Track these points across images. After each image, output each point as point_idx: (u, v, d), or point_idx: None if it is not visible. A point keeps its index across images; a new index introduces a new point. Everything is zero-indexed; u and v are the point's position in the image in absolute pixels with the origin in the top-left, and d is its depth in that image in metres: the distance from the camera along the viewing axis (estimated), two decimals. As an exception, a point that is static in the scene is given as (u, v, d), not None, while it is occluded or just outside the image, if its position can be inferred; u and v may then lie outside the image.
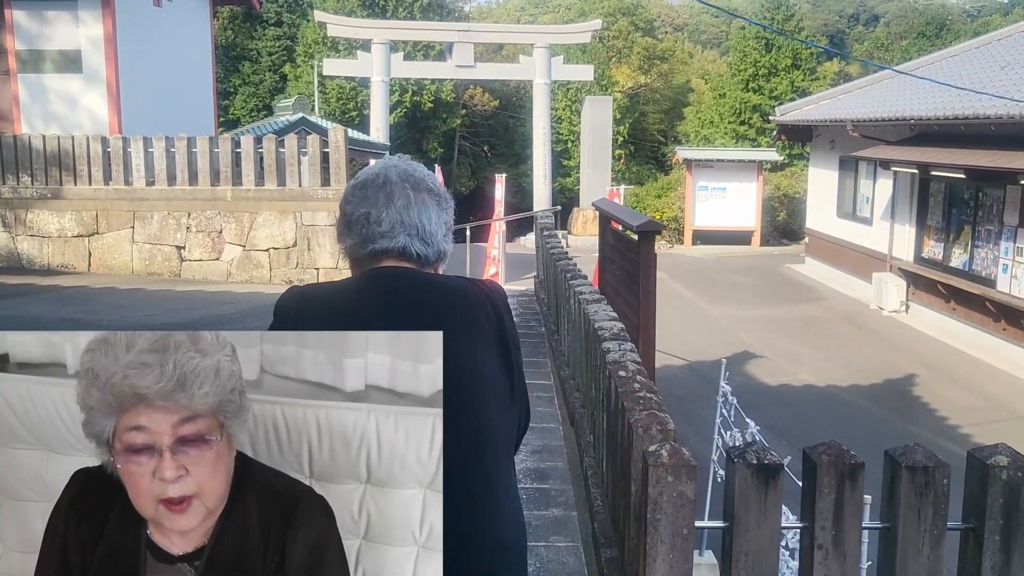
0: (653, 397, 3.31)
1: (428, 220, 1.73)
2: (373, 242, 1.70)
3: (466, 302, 1.69)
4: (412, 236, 1.70)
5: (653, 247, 5.94)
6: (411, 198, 1.72)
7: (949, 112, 12.60)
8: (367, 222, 1.70)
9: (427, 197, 1.75)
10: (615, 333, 4.25)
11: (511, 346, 1.72)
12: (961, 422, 10.26)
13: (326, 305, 1.66)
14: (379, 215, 1.70)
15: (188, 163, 11.35)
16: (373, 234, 1.70)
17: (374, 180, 1.74)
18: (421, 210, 1.72)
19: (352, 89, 31.17)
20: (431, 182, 1.79)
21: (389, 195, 1.71)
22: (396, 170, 1.76)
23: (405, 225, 1.70)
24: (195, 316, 8.79)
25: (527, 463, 4.82)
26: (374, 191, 1.72)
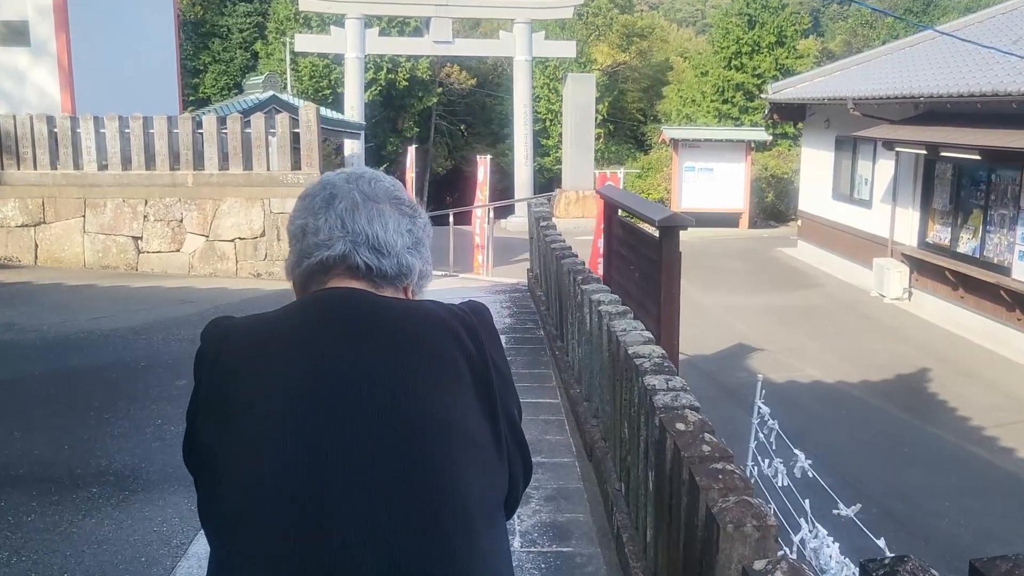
0: (734, 470, 2.46)
1: (383, 227, 1.36)
2: (307, 256, 1.35)
3: (431, 330, 1.31)
4: (357, 243, 1.34)
5: (677, 244, 5.09)
6: (358, 202, 1.37)
7: (964, 89, 11.83)
8: (303, 234, 1.37)
9: (386, 207, 1.39)
10: (658, 364, 3.40)
11: (495, 385, 1.32)
12: (984, 422, 9.57)
13: (251, 342, 1.29)
14: (316, 223, 1.36)
15: (144, 145, 10.35)
16: (308, 247, 1.35)
17: (316, 189, 1.41)
18: (373, 215, 1.36)
19: (325, 67, 30.19)
20: (393, 190, 1.43)
21: (328, 200, 1.37)
22: (345, 175, 1.42)
23: (347, 231, 1.34)
24: (149, 318, 7.86)
25: (541, 515, 3.97)
26: (312, 198, 1.39)
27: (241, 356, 1.28)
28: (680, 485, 2.64)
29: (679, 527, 2.67)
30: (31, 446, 4.79)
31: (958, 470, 8.26)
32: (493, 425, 1.31)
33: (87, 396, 5.65)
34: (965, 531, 7.02)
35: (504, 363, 1.40)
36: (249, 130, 10.38)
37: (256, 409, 1.23)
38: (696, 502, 2.44)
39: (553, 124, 31.67)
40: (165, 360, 6.56)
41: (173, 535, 3.77)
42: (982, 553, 6.00)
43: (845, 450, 8.62)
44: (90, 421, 5.16)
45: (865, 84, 15.67)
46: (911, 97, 13.31)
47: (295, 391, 1.23)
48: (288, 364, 1.25)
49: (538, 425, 5.14)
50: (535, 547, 3.66)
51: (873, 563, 1.86)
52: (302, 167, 10.39)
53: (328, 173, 1.47)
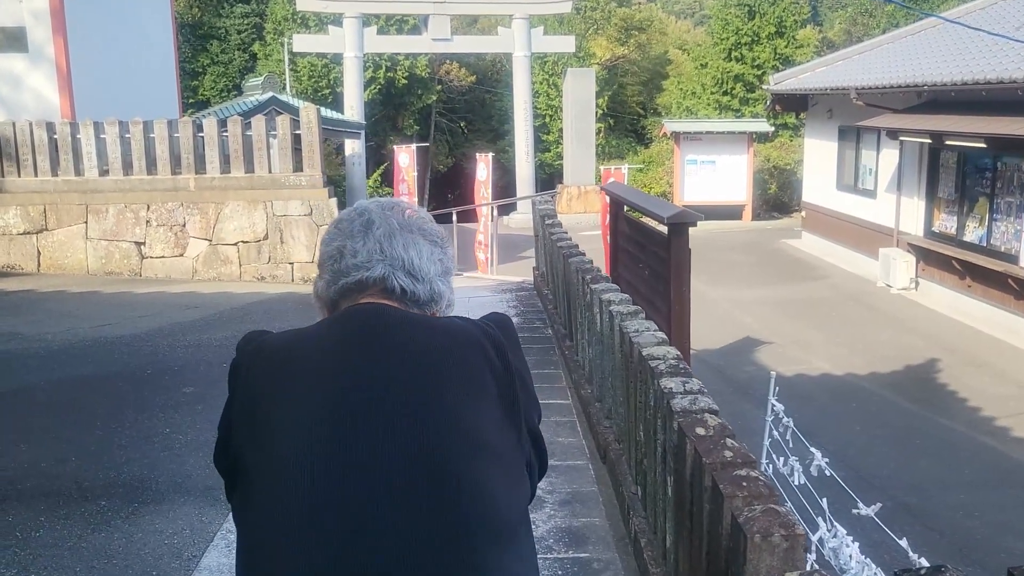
0: (759, 477, 2.40)
1: (418, 254, 1.42)
2: (345, 276, 1.40)
3: (460, 344, 1.35)
4: (395, 268, 1.40)
5: (687, 241, 5.03)
6: (395, 228, 1.43)
7: (968, 76, 11.74)
8: (340, 255, 1.42)
9: (418, 236, 1.45)
10: (673, 366, 3.34)
11: (520, 399, 1.36)
12: (995, 413, 9.50)
13: (283, 358, 1.33)
14: (354, 246, 1.41)
15: (145, 150, 10.29)
16: (346, 267, 1.40)
17: (354, 215, 1.47)
18: (408, 243, 1.43)
19: (324, 66, 30.08)
20: (424, 222, 1.50)
21: (367, 225, 1.43)
22: (378, 204, 1.49)
23: (385, 255, 1.40)
24: (154, 325, 7.80)
25: (556, 519, 3.91)
26: (349, 223, 1.45)
27: (273, 370, 1.32)
28: (702, 492, 2.58)
29: (701, 534, 2.61)
30: (37, 458, 4.74)
31: (971, 461, 8.19)
32: (518, 437, 1.36)
33: (93, 406, 5.60)
34: (980, 524, 6.95)
35: (528, 374, 1.44)
36: (250, 132, 10.31)
37: (287, 423, 1.27)
38: (720, 510, 2.38)
39: (553, 120, 31.55)
40: (171, 367, 6.50)
41: (184, 547, 3.71)
42: (999, 546, 5.90)
43: (857, 443, 8.55)
44: (97, 431, 5.10)
45: (868, 73, 15.57)
46: (915, 86, 13.22)
47: (325, 405, 1.27)
48: (319, 378, 1.29)
49: (550, 427, 5.07)
50: (551, 553, 3.60)
51: (909, 573, 1.80)
52: (304, 169, 10.33)
53: (362, 201, 1.51)
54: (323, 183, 10.37)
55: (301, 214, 10.24)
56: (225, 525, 3.91)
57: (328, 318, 1.41)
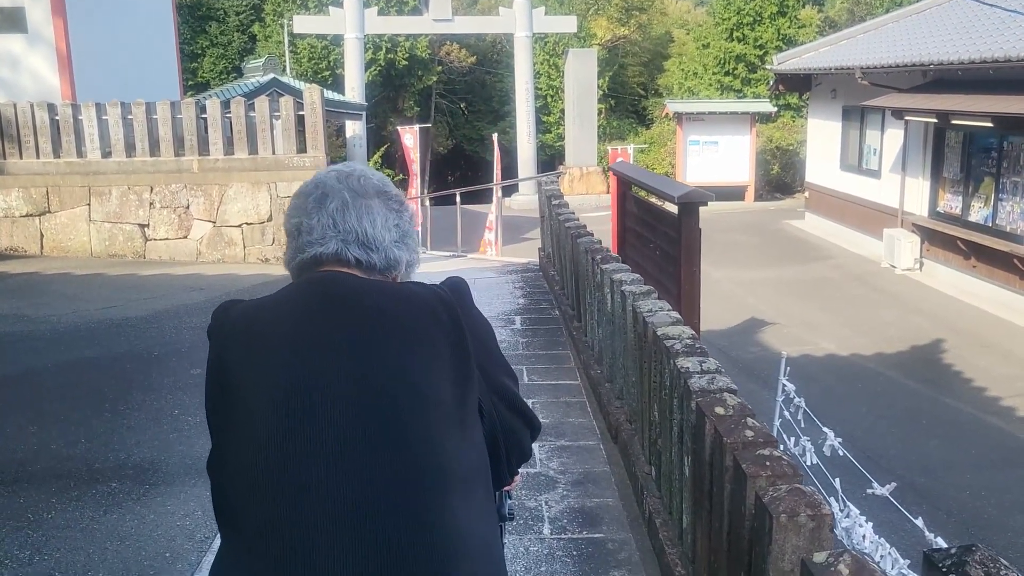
0: (781, 456, 2.38)
1: (371, 224, 1.49)
2: (303, 251, 1.48)
3: (407, 307, 1.43)
4: (348, 241, 1.47)
5: (697, 221, 4.99)
6: (347, 201, 1.49)
7: (975, 55, 11.65)
8: (298, 232, 1.50)
9: (374, 202, 1.52)
10: (689, 345, 3.31)
11: (471, 355, 1.43)
12: (1001, 393, 9.48)
13: (247, 318, 1.45)
14: (309, 223, 1.49)
15: (148, 131, 10.22)
16: (303, 244, 1.49)
17: (310, 189, 1.53)
18: (361, 213, 1.49)
19: (324, 48, 29.91)
20: (381, 185, 1.56)
21: (320, 199, 1.50)
22: (336, 174, 1.55)
23: (338, 230, 1.47)
24: (160, 306, 7.77)
25: (569, 500, 3.90)
26: (305, 198, 1.52)
27: (240, 336, 1.42)
28: (722, 472, 2.56)
29: (721, 515, 2.59)
30: (47, 440, 4.72)
31: (978, 442, 8.19)
32: (471, 393, 1.42)
33: (101, 388, 5.58)
34: (988, 504, 6.95)
35: (485, 334, 1.52)
36: (253, 114, 10.24)
37: (251, 385, 1.37)
38: (742, 490, 2.36)
39: (554, 100, 31.41)
40: (178, 349, 6.48)
41: (197, 529, 3.70)
42: (1006, 526, 5.89)
43: (863, 424, 8.54)
44: (105, 413, 5.09)
45: (873, 53, 15.47)
46: (921, 65, 13.13)
47: (284, 368, 1.35)
48: (280, 343, 1.38)
49: (559, 407, 5.06)
50: (565, 534, 3.59)
51: (939, 553, 1.78)
52: (307, 150, 10.27)
53: (320, 172, 1.57)
54: (327, 164, 10.31)
55: (305, 195, 10.18)
56: (237, 506, 3.90)
57: (291, 286, 1.49)
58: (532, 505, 3.83)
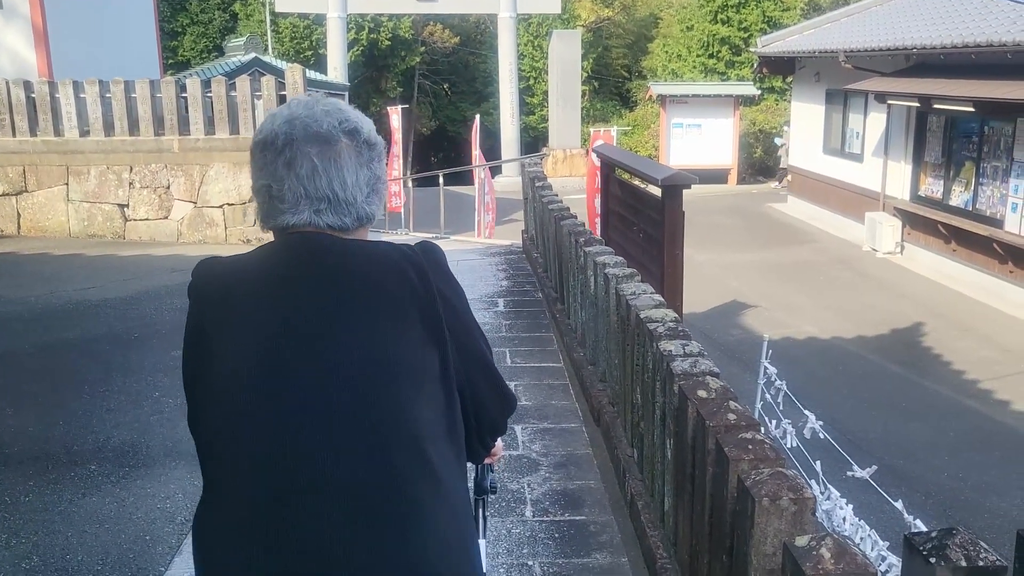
0: (764, 440, 2.37)
1: (341, 186, 1.45)
2: (274, 218, 1.46)
3: (377, 268, 1.44)
4: (320, 210, 1.44)
5: (680, 204, 4.98)
6: (315, 163, 1.43)
7: (957, 40, 11.68)
8: (268, 196, 1.45)
9: (343, 152, 1.46)
10: (672, 328, 3.31)
11: (442, 319, 1.43)
12: (979, 376, 9.57)
13: (221, 278, 1.47)
14: (280, 188, 1.44)
15: (127, 110, 10.09)
16: (275, 210, 1.45)
17: (273, 141, 1.45)
18: (332, 175, 1.44)
19: (306, 27, 29.67)
20: (346, 130, 1.47)
21: (290, 162, 1.43)
22: (300, 124, 1.45)
23: (310, 198, 1.44)
24: (140, 288, 7.70)
25: (551, 482, 3.90)
26: (273, 156, 1.45)
27: (218, 294, 1.45)
28: (705, 455, 2.56)
29: (703, 498, 2.59)
30: (24, 423, 4.67)
31: (956, 424, 8.26)
32: (442, 356, 1.43)
33: (80, 370, 5.53)
34: (965, 485, 7.02)
35: (457, 298, 1.50)
36: (234, 93, 10.14)
37: (227, 342, 1.40)
38: (725, 473, 2.36)
39: (537, 82, 31.31)
40: (158, 330, 6.42)
41: (177, 512, 3.67)
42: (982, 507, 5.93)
43: (844, 406, 8.59)
44: (84, 396, 5.04)
45: (856, 36, 15.48)
46: (904, 49, 13.15)
47: (258, 327, 1.39)
48: (255, 302, 1.42)
49: (542, 389, 5.05)
50: (547, 516, 3.60)
51: (919, 537, 1.78)
52: (289, 130, 10.17)
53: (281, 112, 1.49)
54: (309, 145, 10.23)
55: (286, 176, 10.10)
56: (218, 489, 3.87)
57: (267, 246, 1.48)
58: (514, 487, 3.82)
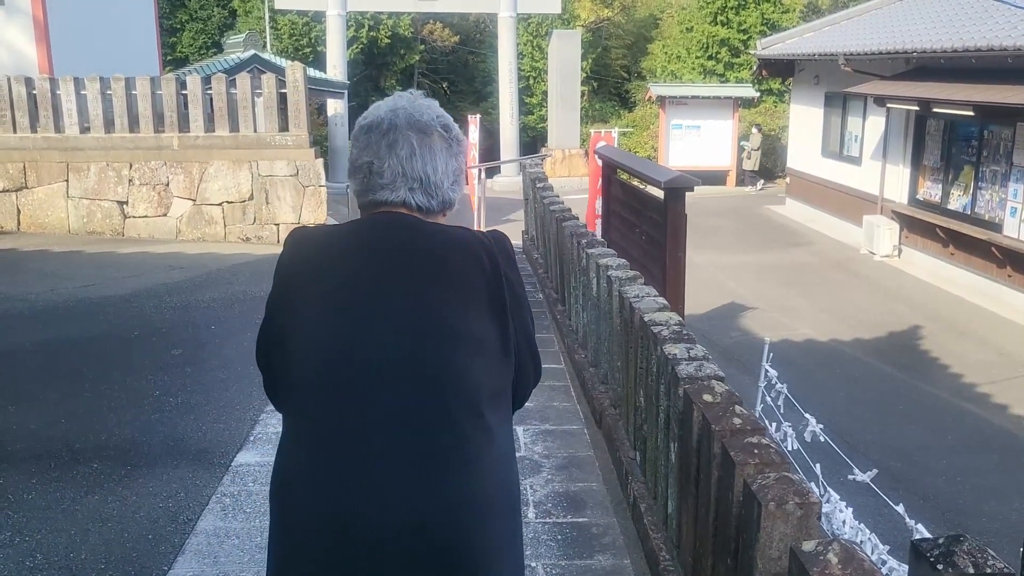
0: (769, 444, 2.39)
1: (433, 170, 1.66)
2: (373, 193, 1.66)
3: (454, 251, 1.63)
4: (414, 189, 1.65)
5: (683, 207, 4.99)
6: (415, 147, 1.65)
7: (958, 43, 11.70)
8: (369, 172, 1.66)
9: (436, 142, 1.68)
10: (676, 332, 3.32)
11: (506, 300, 1.63)
12: (977, 379, 9.60)
13: (318, 242, 1.66)
14: (380, 166, 1.65)
15: (127, 107, 10.08)
16: (374, 185, 1.66)
17: (378, 125, 1.67)
18: (427, 159, 1.66)
19: (305, 25, 29.61)
20: (441, 124, 1.71)
21: (392, 144, 1.65)
22: (404, 113, 1.68)
23: (407, 177, 1.65)
24: (139, 285, 7.69)
25: (554, 484, 3.91)
26: (377, 137, 1.66)
27: (307, 258, 1.63)
28: (710, 458, 2.57)
29: (708, 501, 2.60)
30: (26, 420, 4.67)
31: (954, 427, 8.28)
32: (503, 332, 1.61)
33: (80, 368, 5.52)
34: (962, 488, 7.04)
35: (519, 283, 1.69)
36: (235, 91, 10.13)
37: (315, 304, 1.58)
38: (730, 477, 2.37)
39: (537, 82, 31.28)
40: (158, 328, 6.42)
41: (180, 511, 3.68)
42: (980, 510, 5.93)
43: (841, 409, 8.61)
44: (85, 394, 5.03)
45: (856, 39, 15.50)
46: (904, 52, 13.17)
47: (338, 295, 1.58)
48: (340, 269, 1.60)
49: (544, 391, 5.06)
50: (550, 518, 3.60)
51: (927, 543, 1.79)
52: (289, 128, 10.18)
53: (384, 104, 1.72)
54: (309, 143, 10.23)
55: (287, 175, 10.10)
56: (220, 488, 3.88)
57: (357, 222, 1.67)
58: (516, 489, 3.83)
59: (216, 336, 6.21)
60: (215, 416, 4.69)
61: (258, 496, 3.79)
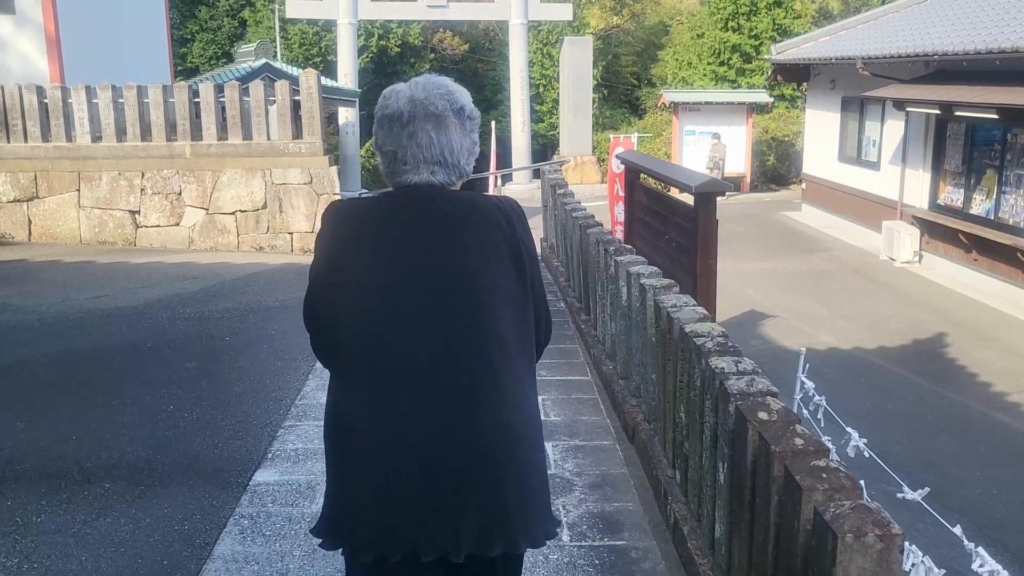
0: (839, 468, 2.20)
1: (450, 151, 1.87)
2: (399, 176, 1.89)
3: (475, 212, 1.86)
4: (435, 170, 1.87)
5: (714, 213, 4.80)
6: (432, 136, 1.85)
7: (981, 46, 11.48)
8: (394, 159, 1.88)
9: (451, 122, 1.87)
10: (721, 344, 3.13)
11: (524, 258, 1.87)
12: (1006, 388, 9.35)
13: (354, 214, 1.89)
14: (404, 154, 1.87)
15: (139, 115, 9.96)
16: (399, 169, 1.88)
17: (398, 117, 1.87)
18: (443, 144, 1.86)
19: (315, 34, 29.58)
20: (455, 103, 1.89)
21: (412, 135, 1.85)
22: (420, 106, 1.86)
23: (428, 162, 1.86)
24: (152, 296, 7.53)
25: (587, 504, 3.71)
26: (398, 129, 1.86)
27: (349, 224, 1.86)
28: (768, 482, 2.38)
29: (766, 527, 2.41)
30: (36, 436, 4.50)
31: (985, 438, 8.05)
32: (523, 286, 1.86)
33: (92, 381, 5.35)
34: (999, 502, 6.81)
35: (532, 244, 1.91)
36: (248, 98, 10.00)
37: (359, 264, 1.82)
38: (795, 504, 2.18)
39: (547, 89, 31.15)
40: (172, 341, 6.25)
41: (196, 534, 3.49)
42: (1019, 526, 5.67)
43: (869, 419, 8.37)
44: (97, 409, 4.86)
45: (874, 43, 15.29)
46: (925, 55, 12.95)
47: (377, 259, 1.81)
48: (373, 239, 1.83)
49: (571, 404, 4.87)
50: (585, 540, 3.41)
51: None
52: (303, 136, 10.03)
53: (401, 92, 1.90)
54: (323, 151, 10.08)
55: (301, 183, 9.95)
56: (237, 510, 3.69)
57: (390, 193, 1.90)
58: (549, 509, 3.64)
59: (231, 348, 6.03)
60: (231, 432, 4.51)
61: (278, 518, 3.61)
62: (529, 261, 1.87)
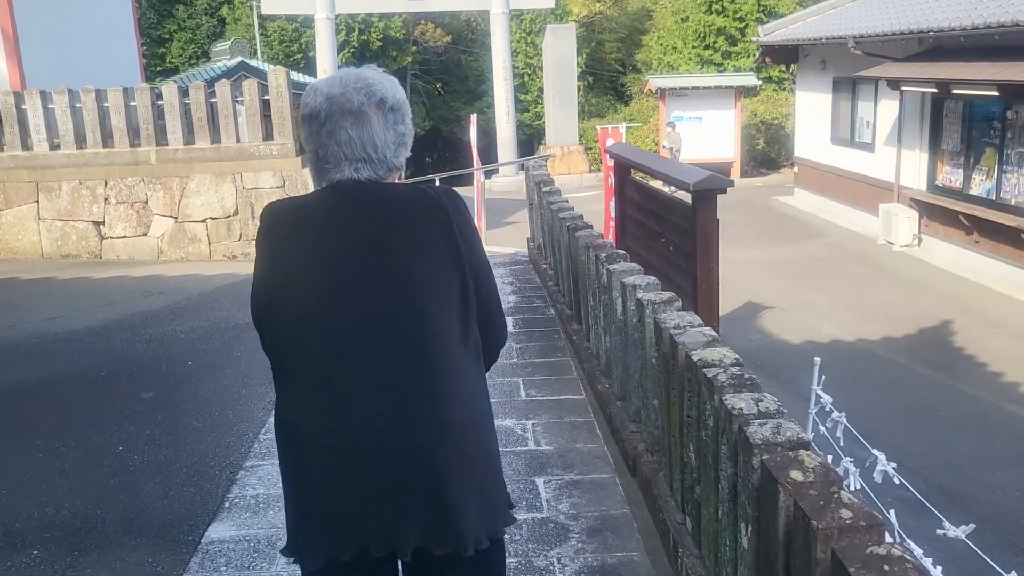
0: (903, 555, 1.73)
1: (373, 147, 1.83)
2: (324, 174, 1.86)
3: (409, 206, 1.83)
4: (358, 168, 1.83)
5: (714, 211, 4.33)
6: (351, 134, 1.82)
7: (979, 21, 11.04)
8: (317, 158, 1.86)
9: (370, 116, 1.83)
10: (736, 376, 2.66)
11: (460, 246, 1.83)
12: (1019, 378, 8.94)
13: (290, 212, 1.87)
14: (325, 153, 1.84)
15: (100, 121, 9.44)
16: (323, 168, 1.86)
17: (316, 116, 1.84)
18: (364, 139, 1.82)
19: (295, 30, 29.07)
20: (372, 96, 1.84)
21: (331, 132, 1.83)
22: (336, 103, 1.82)
23: (349, 160, 1.83)
24: (112, 315, 7.03)
25: (586, 555, 3.24)
26: (317, 127, 1.84)
27: (286, 225, 1.85)
28: (809, 563, 1.91)
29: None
30: (-39, 491, 4.01)
31: (1003, 434, 7.62)
32: (461, 277, 1.83)
33: (34, 420, 4.83)
34: (1023, 505, 6.40)
35: (472, 235, 1.89)
36: (215, 99, 9.48)
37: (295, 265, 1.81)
38: (849, 601, 1.71)
39: (532, 79, 30.67)
40: (129, 367, 5.74)
41: (133, 611, 3.02)
42: (1048, 531, 4.99)
43: (877, 416, 7.93)
44: (36, 454, 4.35)
45: (865, 21, 14.83)
46: (920, 32, 12.49)
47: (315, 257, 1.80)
48: (314, 231, 1.82)
49: (564, 429, 4.40)
50: (585, 603, 2.95)
51: None
52: (274, 137, 9.52)
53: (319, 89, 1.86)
54: (295, 152, 9.57)
55: (273, 186, 9.44)
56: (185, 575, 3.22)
57: (322, 190, 1.86)
58: (541, 564, 3.17)
59: (192, 374, 5.53)
60: (185, 476, 4.02)
61: (231, 585, 3.13)
62: (469, 254, 1.84)
